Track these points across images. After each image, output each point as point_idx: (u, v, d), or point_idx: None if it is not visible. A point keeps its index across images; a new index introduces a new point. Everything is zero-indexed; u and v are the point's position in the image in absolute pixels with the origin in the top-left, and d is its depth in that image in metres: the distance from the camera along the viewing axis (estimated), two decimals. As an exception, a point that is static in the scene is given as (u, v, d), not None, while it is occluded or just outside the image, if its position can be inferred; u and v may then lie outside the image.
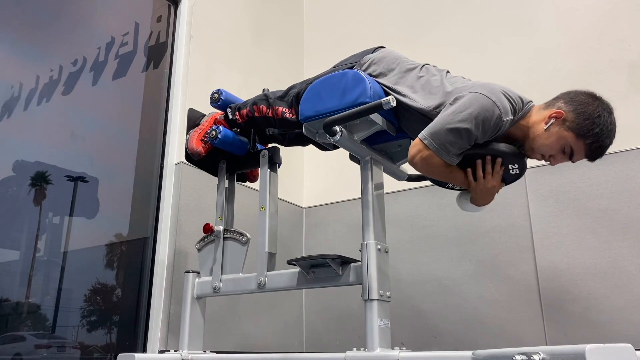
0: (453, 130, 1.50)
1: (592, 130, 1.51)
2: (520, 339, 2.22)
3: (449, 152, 1.53)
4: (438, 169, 1.59)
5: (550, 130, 1.55)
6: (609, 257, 2.13)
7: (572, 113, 1.53)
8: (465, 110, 1.50)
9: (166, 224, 2.30)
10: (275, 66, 3.11)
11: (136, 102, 2.56)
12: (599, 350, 0.96)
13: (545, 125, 1.55)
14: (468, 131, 1.50)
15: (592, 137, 1.52)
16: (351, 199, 2.82)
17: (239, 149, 2.06)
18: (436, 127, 1.53)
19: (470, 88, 1.56)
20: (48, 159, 2.22)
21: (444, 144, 1.52)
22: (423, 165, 1.57)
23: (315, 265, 1.74)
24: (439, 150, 1.52)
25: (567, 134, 1.53)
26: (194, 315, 1.98)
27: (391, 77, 1.72)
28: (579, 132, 1.52)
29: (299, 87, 1.84)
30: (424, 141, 1.54)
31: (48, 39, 2.35)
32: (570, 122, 1.53)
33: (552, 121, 1.54)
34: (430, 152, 1.53)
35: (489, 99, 1.50)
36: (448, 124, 1.51)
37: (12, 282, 2.06)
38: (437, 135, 1.52)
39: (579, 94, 1.57)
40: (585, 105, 1.53)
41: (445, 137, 1.51)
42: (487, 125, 1.50)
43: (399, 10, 3.06)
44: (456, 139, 1.51)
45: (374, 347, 1.51)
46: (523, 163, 1.62)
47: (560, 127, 1.54)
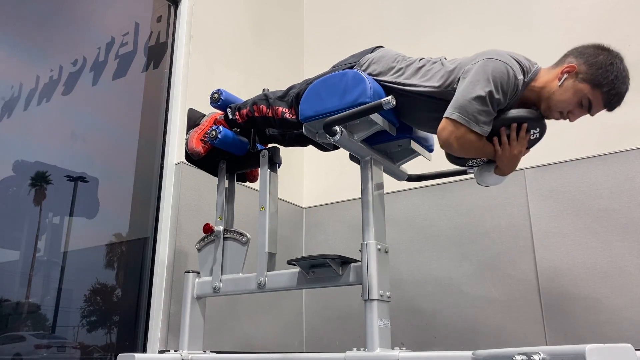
0: (477, 98, 1.50)
1: (607, 78, 1.52)
2: (520, 339, 2.22)
3: (479, 121, 1.52)
4: (473, 145, 1.57)
5: (564, 86, 1.55)
6: (609, 257, 2.13)
7: (585, 65, 1.54)
8: (481, 77, 1.52)
9: (166, 224, 2.30)
10: (275, 66, 3.11)
11: (136, 102, 2.56)
12: (599, 350, 0.96)
13: (559, 82, 1.55)
14: (491, 95, 1.50)
15: (609, 85, 1.52)
16: (351, 199, 2.82)
17: (239, 149, 2.06)
18: (460, 101, 1.53)
19: (477, 57, 1.58)
20: (48, 159, 2.22)
21: (473, 115, 1.51)
22: (458, 145, 1.56)
23: (315, 265, 1.74)
24: (470, 122, 1.52)
25: (582, 85, 1.53)
26: (194, 315, 1.98)
27: (391, 74, 1.72)
28: (594, 82, 1.52)
29: (299, 87, 1.84)
30: (452, 117, 1.53)
31: (48, 39, 2.35)
32: (584, 73, 1.53)
33: (565, 76, 1.55)
34: (463, 128, 1.53)
35: (499, 60, 1.53)
36: (470, 94, 1.52)
37: (12, 282, 2.06)
38: (464, 108, 1.52)
39: (587, 47, 1.58)
40: (596, 56, 1.54)
41: (472, 107, 1.51)
42: (506, 86, 1.52)
43: (399, 10, 3.06)
44: (483, 106, 1.51)
45: (374, 347, 1.51)
46: (543, 126, 1.62)
47: (574, 81, 1.54)
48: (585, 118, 2.37)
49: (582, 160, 2.27)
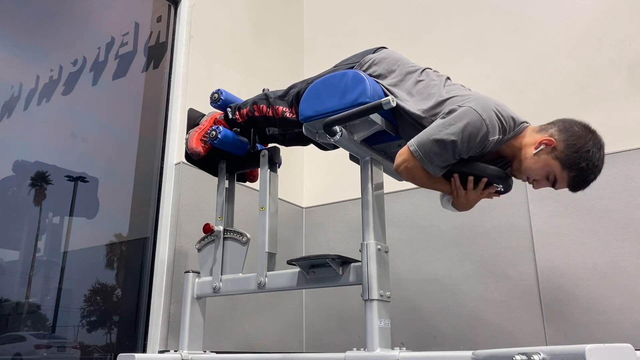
0: (439, 141, 1.51)
1: (578, 164, 1.51)
2: (520, 339, 2.22)
3: (432, 162, 1.54)
4: (421, 179, 1.61)
5: (538, 156, 1.55)
6: (609, 257, 2.13)
7: (563, 143, 1.53)
8: (455, 123, 1.51)
9: (166, 224, 2.30)
10: (275, 66, 3.11)
11: (136, 102, 2.56)
12: (599, 350, 0.96)
13: (535, 150, 1.55)
14: (454, 143, 1.50)
15: (577, 171, 1.53)
16: (351, 199, 2.82)
17: (239, 149, 2.06)
18: (424, 137, 1.54)
19: (465, 101, 1.56)
20: (48, 159, 2.22)
21: (428, 154, 1.53)
22: (407, 174, 1.60)
23: (315, 265, 1.74)
24: (423, 159, 1.54)
25: (553, 162, 1.54)
26: (193, 315, 1.98)
27: (390, 80, 1.72)
28: (565, 163, 1.53)
29: (299, 86, 1.84)
30: (410, 148, 1.55)
31: (48, 39, 2.35)
32: (559, 151, 1.53)
33: (542, 147, 1.55)
34: (416, 162, 1.55)
35: (479, 115, 1.51)
36: (436, 134, 1.52)
37: (12, 282, 2.06)
38: (424, 145, 1.53)
39: (573, 124, 1.57)
40: (577, 138, 1.53)
41: (431, 147, 1.52)
42: (473, 141, 1.51)
43: (399, 11, 3.06)
44: (441, 151, 1.52)
45: (374, 347, 1.51)
46: (508, 184, 1.63)
47: (548, 155, 1.54)
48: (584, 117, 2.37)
49: (582, 160, 2.27)
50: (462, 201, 1.65)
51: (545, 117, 2.43)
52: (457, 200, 1.66)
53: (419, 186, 1.67)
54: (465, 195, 1.63)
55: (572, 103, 2.39)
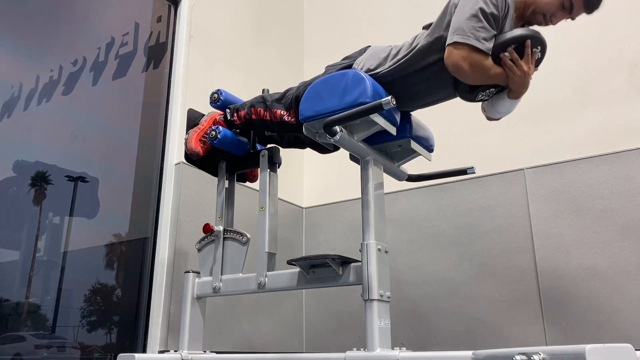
0: (470, 17, 1.56)
1: None
2: (520, 339, 2.22)
3: (479, 37, 1.56)
4: (481, 64, 1.58)
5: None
6: (609, 257, 2.13)
7: None
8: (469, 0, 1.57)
9: (166, 224, 2.30)
10: (275, 66, 3.11)
11: (136, 102, 2.56)
12: (599, 350, 0.96)
13: None
14: (483, 10, 1.55)
15: None
16: (351, 199, 2.82)
17: (239, 149, 2.06)
18: (455, 25, 1.58)
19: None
20: (48, 159, 2.22)
21: (472, 32, 1.55)
22: (468, 65, 1.56)
23: (315, 265, 1.74)
24: (470, 39, 1.55)
25: None
26: (194, 315, 1.98)
27: (387, 63, 1.73)
28: None
29: (297, 89, 1.84)
30: (453, 41, 1.56)
31: (48, 39, 2.35)
32: None
33: None
34: (466, 47, 1.55)
35: None
36: (462, 16, 1.57)
37: (12, 282, 2.06)
38: (461, 28, 1.56)
39: None
40: None
41: (468, 25, 1.55)
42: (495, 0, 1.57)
43: (399, 11, 3.06)
44: (478, 23, 1.55)
45: (374, 347, 1.51)
46: (542, 42, 1.65)
47: None
48: (584, 117, 2.37)
49: (582, 160, 2.27)
50: (520, 77, 1.63)
51: (546, 117, 2.44)
52: (515, 80, 1.64)
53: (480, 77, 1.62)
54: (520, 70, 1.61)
55: (572, 103, 2.39)
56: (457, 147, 2.58)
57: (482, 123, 1.95)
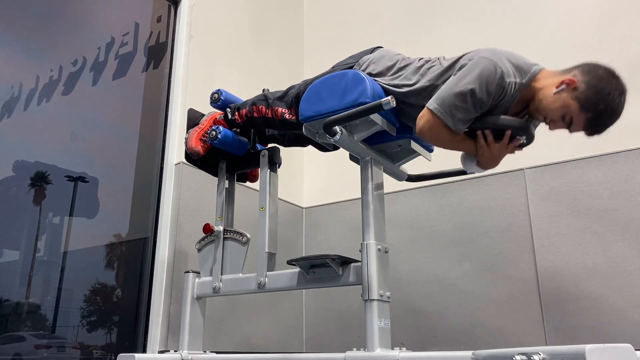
0: (458, 94, 1.52)
1: (597, 106, 1.51)
2: (520, 339, 2.22)
3: (454, 117, 1.53)
4: (445, 139, 1.59)
5: (559, 95, 1.54)
6: (609, 257, 2.13)
7: (585, 84, 1.52)
8: (470, 73, 1.53)
9: (166, 224, 2.30)
10: (275, 66, 3.11)
11: (136, 102, 2.56)
12: (599, 350, 0.96)
13: (556, 90, 1.54)
14: (473, 93, 1.51)
15: (595, 113, 1.52)
16: (351, 199, 2.82)
17: (239, 149, 2.06)
18: (442, 94, 1.55)
19: (474, 54, 1.58)
20: (48, 159, 2.21)
21: (450, 109, 1.53)
22: (430, 135, 1.58)
23: (315, 265, 1.74)
24: (445, 116, 1.53)
25: (572, 102, 1.53)
26: (194, 316, 1.98)
27: (390, 75, 1.72)
28: (584, 104, 1.52)
29: (298, 87, 1.84)
30: (430, 107, 1.55)
31: (48, 39, 2.35)
32: (580, 92, 1.52)
33: (563, 87, 1.54)
34: (438, 120, 1.54)
35: (491, 60, 1.53)
36: (453, 88, 1.53)
37: (12, 282, 2.06)
38: (443, 100, 1.54)
39: (598, 67, 1.56)
40: (599, 80, 1.52)
41: (452, 101, 1.52)
42: (491, 86, 1.51)
43: (399, 11, 3.06)
44: (462, 103, 1.52)
45: (374, 347, 1.51)
46: (530, 134, 1.63)
47: (569, 95, 1.53)
48: (585, 118, 2.36)
49: (582, 160, 2.27)
50: (488, 157, 1.63)
51: (545, 117, 2.43)
52: (483, 158, 1.64)
53: (444, 147, 1.65)
54: (490, 151, 1.61)
55: (572, 103, 2.38)
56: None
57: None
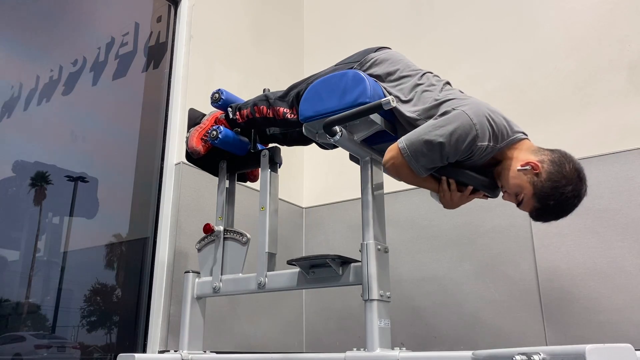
0: (428, 142, 1.52)
1: (547, 199, 1.51)
2: (520, 339, 2.22)
3: (418, 162, 1.55)
4: (407, 177, 1.63)
5: (520, 173, 1.54)
6: (609, 257, 2.13)
7: (546, 174, 1.52)
8: (445, 125, 1.51)
9: (166, 224, 2.30)
10: (275, 66, 3.11)
11: (136, 102, 2.56)
12: (599, 350, 0.96)
13: (520, 167, 1.54)
14: (441, 145, 1.50)
15: (543, 205, 1.53)
16: (351, 199, 2.82)
17: (240, 148, 2.06)
18: (413, 136, 1.55)
19: (459, 105, 1.55)
20: (48, 159, 2.21)
21: (416, 154, 1.54)
22: (393, 171, 1.61)
23: (315, 266, 1.74)
24: (410, 158, 1.55)
25: (528, 186, 1.53)
26: (194, 316, 1.98)
27: (388, 83, 1.72)
28: (536, 193, 1.52)
29: (300, 86, 1.84)
30: (399, 145, 1.57)
31: (48, 39, 2.35)
32: (539, 180, 1.52)
33: (527, 167, 1.53)
34: (403, 159, 1.56)
35: (470, 120, 1.50)
36: (425, 134, 1.53)
37: (12, 282, 2.06)
38: (412, 143, 1.54)
39: (567, 163, 1.53)
40: (561, 176, 1.51)
41: (419, 147, 1.53)
42: (461, 145, 1.50)
43: (399, 11, 3.06)
44: (428, 152, 1.52)
45: (374, 347, 1.51)
46: (494, 193, 1.67)
47: (529, 177, 1.53)
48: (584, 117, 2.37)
49: (582, 160, 2.22)
50: (447, 201, 1.68)
51: (546, 117, 2.43)
52: (443, 200, 1.69)
53: (406, 183, 1.68)
54: (451, 197, 1.65)
55: (572, 103, 2.39)
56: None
57: (482, 123, 1.95)
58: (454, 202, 1.67)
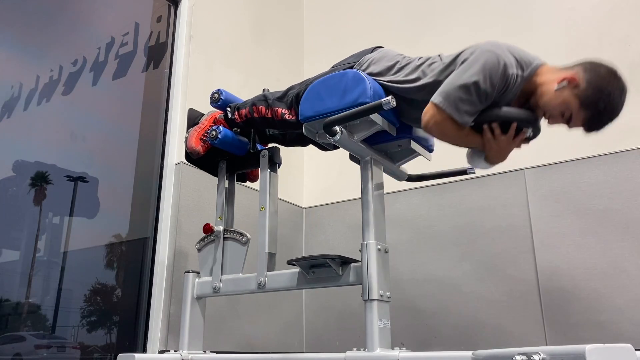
0: (462, 86, 1.52)
1: (597, 105, 1.51)
2: (520, 339, 2.22)
3: (460, 110, 1.53)
4: (451, 133, 1.59)
5: (560, 92, 1.55)
6: (609, 257, 2.13)
7: (586, 82, 1.52)
8: (472, 66, 1.53)
9: (166, 224, 2.30)
10: (275, 66, 3.11)
11: (136, 102, 2.56)
12: (599, 351, 0.96)
13: (557, 86, 1.55)
14: (477, 85, 1.51)
15: (594, 111, 1.53)
16: (351, 199, 2.82)
17: (239, 149, 2.06)
18: (446, 87, 1.55)
19: (475, 48, 1.58)
20: (48, 159, 2.22)
21: (455, 102, 1.52)
22: (436, 130, 1.58)
23: (315, 265, 1.74)
24: (450, 109, 1.52)
25: (573, 100, 1.53)
26: (194, 316, 1.98)
27: (391, 74, 1.72)
28: (584, 102, 1.52)
29: (298, 87, 1.84)
30: (434, 102, 1.55)
31: (48, 39, 2.35)
32: (581, 90, 1.52)
33: (564, 83, 1.54)
34: (443, 114, 1.54)
35: (493, 52, 1.53)
36: (457, 81, 1.53)
37: (12, 282, 2.06)
38: (448, 94, 1.53)
39: (600, 66, 1.56)
40: (600, 79, 1.52)
41: (456, 94, 1.52)
42: (495, 78, 1.51)
43: (399, 10, 3.06)
44: (467, 95, 1.52)
45: (374, 347, 1.51)
46: (536, 126, 1.63)
47: (570, 92, 1.54)
48: (585, 118, 2.36)
49: (582, 160, 2.27)
50: (496, 151, 1.62)
51: (545, 117, 2.43)
52: (490, 152, 1.63)
53: (450, 142, 1.63)
54: (498, 145, 1.61)
55: (572, 103, 2.38)
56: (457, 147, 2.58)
57: (482, 123, 1.95)
58: (501, 148, 1.61)
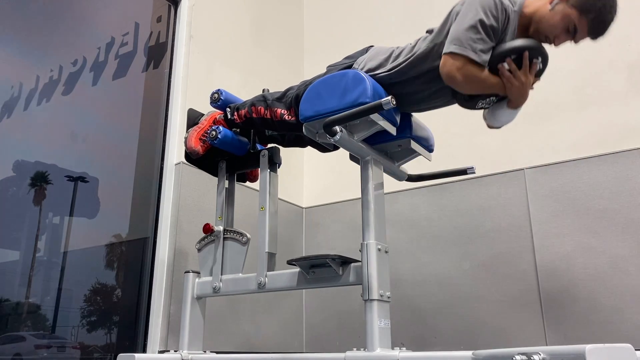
0: (470, 28, 1.56)
1: (595, 5, 1.57)
2: (520, 339, 2.22)
3: (475, 49, 1.56)
4: (476, 76, 1.59)
5: (555, 10, 1.60)
6: (609, 257, 2.13)
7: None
8: (470, 10, 1.58)
9: (166, 224, 2.30)
10: (275, 66, 3.11)
11: (136, 102, 2.56)
12: (599, 351, 0.96)
13: (551, 5, 1.61)
14: (482, 22, 1.55)
15: (595, 12, 1.58)
16: (351, 199, 2.82)
17: (239, 149, 2.06)
18: (453, 35, 1.58)
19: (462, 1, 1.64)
20: (48, 159, 2.22)
21: (469, 44, 1.55)
22: (462, 76, 1.57)
23: (315, 265, 1.74)
24: (467, 50, 1.55)
25: (571, 11, 1.59)
26: (194, 316, 1.98)
27: (390, 62, 1.73)
28: (582, 8, 1.58)
29: (297, 88, 1.84)
30: (449, 51, 1.57)
31: (48, 39, 2.35)
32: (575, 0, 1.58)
33: (556, 0, 1.60)
34: (462, 58, 1.56)
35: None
36: (462, 26, 1.57)
37: (12, 282, 2.06)
38: (458, 39, 1.57)
39: None
40: None
41: (466, 36, 1.56)
42: (495, 11, 1.56)
43: (399, 10, 3.06)
44: (477, 35, 1.55)
45: (374, 347, 1.51)
46: (544, 54, 1.65)
47: (564, 5, 1.59)
48: (584, 118, 2.37)
49: (582, 160, 2.27)
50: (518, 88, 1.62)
51: (546, 117, 2.44)
52: (512, 92, 1.64)
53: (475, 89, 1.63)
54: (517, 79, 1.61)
55: (572, 103, 2.39)
56: (457, 147, 2.58)
57: (482, 123, 1.95)
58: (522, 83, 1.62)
